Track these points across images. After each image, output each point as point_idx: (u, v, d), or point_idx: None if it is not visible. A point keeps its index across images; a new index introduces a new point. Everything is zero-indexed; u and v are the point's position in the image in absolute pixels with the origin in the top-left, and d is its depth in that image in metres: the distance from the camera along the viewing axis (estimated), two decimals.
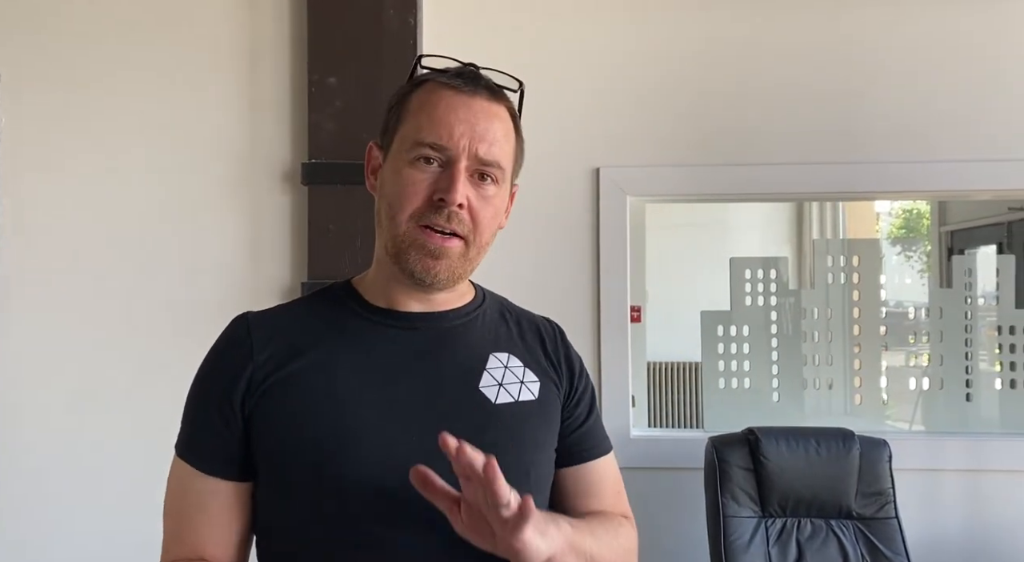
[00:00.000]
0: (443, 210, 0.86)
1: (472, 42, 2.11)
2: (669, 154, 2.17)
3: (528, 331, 0.99)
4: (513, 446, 0.88)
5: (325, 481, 0.83)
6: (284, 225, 2.10)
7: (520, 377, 0.93)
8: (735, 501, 1.89)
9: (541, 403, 0.93)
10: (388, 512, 0.83)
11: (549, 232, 2.16)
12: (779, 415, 2.30)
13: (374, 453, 0.84)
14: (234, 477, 0.88)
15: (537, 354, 0.97)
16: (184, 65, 2.11)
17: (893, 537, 1.88)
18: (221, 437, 0.87)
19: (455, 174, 0.86)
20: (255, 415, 0.86)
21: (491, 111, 0.89)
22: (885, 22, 2.16)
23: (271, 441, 0.86)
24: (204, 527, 0.87)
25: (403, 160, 0.88)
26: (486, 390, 0.90)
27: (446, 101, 0.87)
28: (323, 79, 2.04)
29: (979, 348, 2.33)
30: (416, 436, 0.85)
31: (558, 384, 0.96)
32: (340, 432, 0.85)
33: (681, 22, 2.19)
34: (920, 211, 6.71)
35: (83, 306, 2.08)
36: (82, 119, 2.10)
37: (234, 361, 0.88)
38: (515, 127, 0.93)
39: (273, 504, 0.88)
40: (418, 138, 0.87)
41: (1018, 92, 2.13)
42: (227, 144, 2.11)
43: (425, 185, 0.86)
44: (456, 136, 0.86)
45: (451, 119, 0.86)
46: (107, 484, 2.05)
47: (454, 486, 0.78)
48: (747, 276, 2.36)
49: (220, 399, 0.87)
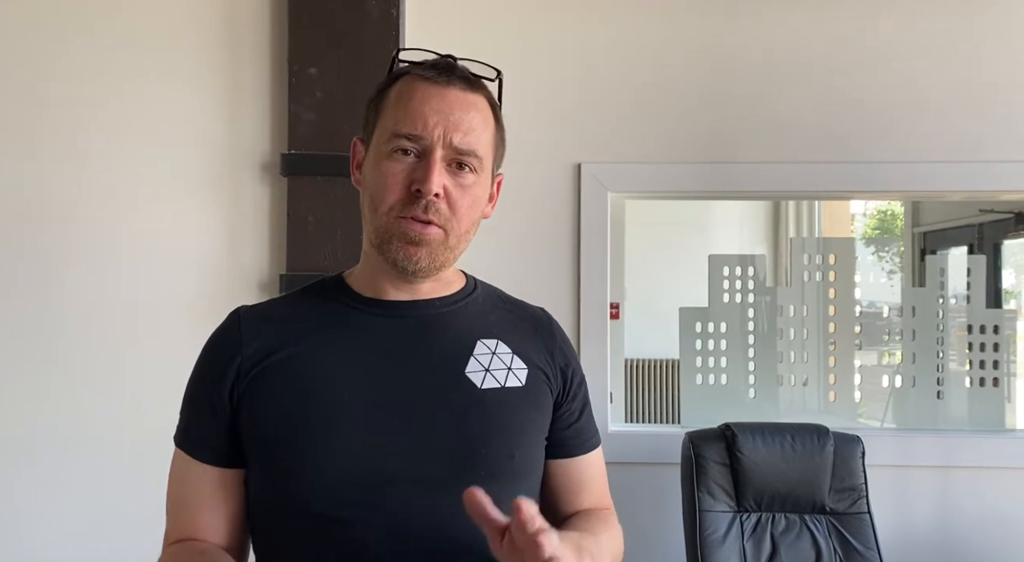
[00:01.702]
0: (420, 201, 0.87)
1: (455, 35, 2.10)
2: (650, 151, 2.18)
3: (523, 322, 1.00)
4: (496, 430, 0.90)
5: (309, 466, 0.85)
6: (263, 216, 2.08)
7: (507, 363, 0.93)
8: (711, 496, 1.91)
9: (528, 390, 0.94)
10: (371, 497, 0.84)
11: (529, 227, 2.16)
12: (755, 411, 2.32)
13: (358, 438, 0.85)
14: (225, 464, 0.91)
15: (530, 346, 0.97)
16: (163, 54, 2.08)
17: (865, 531, 1.91)
18: (211, 426, 0.90)
19: (430, 164, 0.87)
20: (242, 403, 0.89)
21: (467, 100, 0.90)
22: (864, 24, 2.19)
23: (257, 428, 0.88)
24: (198, 512, 0.91)
25: (382, 153, 0.89)
26: (472, 375, 0.91)
27: (421, 92, 0.89)
28: (304, 69, 2.02)
29: (950, 347, 2.37)
30: (402, 421, 0.87)
31: (551, 379, 0.97)
32: (324, 418, 0.86)
33: (664, 20, 2.20)
34: (895, 212, 6.81)
35: (58, 299, 2.04)
36: (58, 108, 2.06)
37: (224, 352, 0.91)
38: (495, 116, 0.94)
39: (261, 489, 0.90)
40: (395, 130, 0.88)
41: (990, 95, 2.17)
42: (206, 134, 2.08)
43: (402, 176, 0.88)
44: (431, 126, 0.87)
45: (425, 109, 0.88)
46: (80, 475, 2.02)
47: (444, 474, 0.84)
48: (725, 273, 2.38)
49: (209, 390, 0.90)
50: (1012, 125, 2.16)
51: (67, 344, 2.04)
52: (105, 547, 2.00)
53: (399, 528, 0.84)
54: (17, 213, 2.05)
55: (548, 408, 0.96)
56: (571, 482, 1.00)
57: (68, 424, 2.03)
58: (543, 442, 0.96)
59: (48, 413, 2.03)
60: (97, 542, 2.00)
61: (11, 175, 2.05)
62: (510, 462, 0.90)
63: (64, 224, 2.06)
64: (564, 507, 1.00)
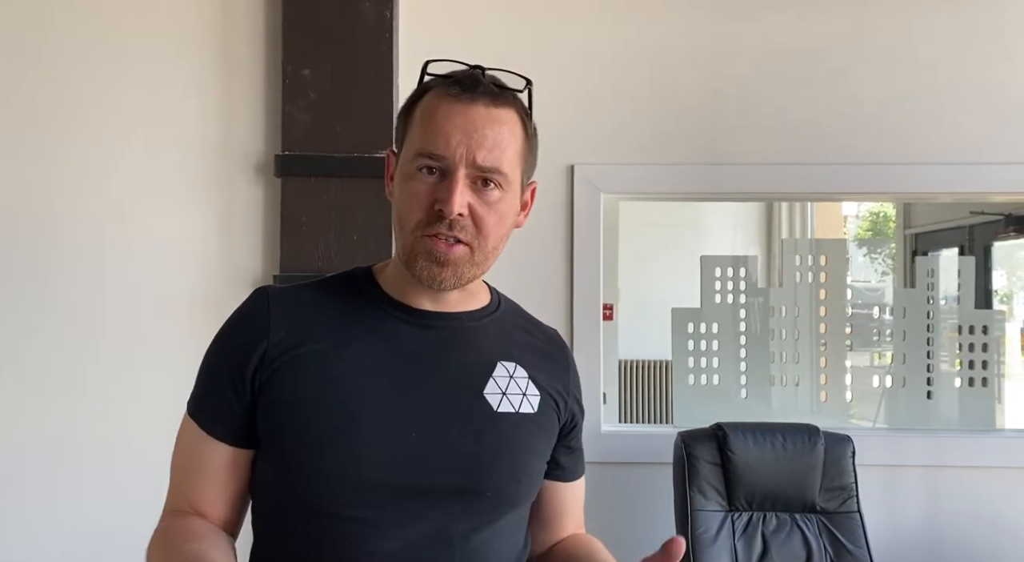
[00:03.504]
0: (445, 219, 0.87)
1: (449, 37, 2.11)
2: (643, 152, 2.19)
3: (540, 346, 1.01)
4: (508, 454, 0.91)
5: (321, 466, 0.86)
6: (257, 217, 2.08)
7: (523, 389, 0.95)
8: (702, 495, 1.92)
9: (539, 417, 0.95)
10: (380, 503, 0.85)
11: (523, 229, 2.15)
12: (747, 411, 2.34)
13: (372, 445, 0.86)
14: (237, 443, 0.91)
15: (546, 373, 0.99)
16: (157, 55, 2.08)
17: (855, 530, 1.92)
18: (229, 404, 0.90)
19: (452, 184, 0.87)
20: (264, 391, 0.89)
21: (491, 116, 0.89)
22: (855, 26, 2.20)
23: (275, 418, 0.88)
24: (203, 485, 0.91)
25: (408, 171, 0.90)
26: (490, 397, 0.92)
27: (444, 110, 0.88)
28: (297, 71, 2.02)
29: (941, 348, 2.39)
30: (416, 432, 0.88)
31: (560, 408, 0.99)
32: (342, 420, 0.87)
33: (657, 22, 2.21)
34: (887, 214, 6.85)
35: (51, 298, 2.04)
36: (52, 109, 2.06)
37: (250, 335, 0.90)
38: (523, 127, 0.94)
39: (270, 476, 0.90)
40: (419, 149, 0.88)
41: (979, 98, 2.19)
42: (200, 135, 2.08)
43: (425, 195, 0.88)
44: (453, 145, 0.87)
45: (448, 128, 0.87)
46: (75, 476, 2.01)
47: (450, 490, 0.87)
48: (717, 274, 2.40)
49: (232, 369, 0.90)
50: (1003, 127, 2.18)
51: (59, 344, 2.04)
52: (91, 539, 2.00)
53: (398, 536, 0.85)
54: (9, 213, 2.05)
55: (554, 435, 0.98)
56: (562, 505, 1.03)
57: (57, 423, 2.02)
58: (544, 467, 0.98)
59: (37, 412, 2.02)
60: (87, 536, 2.00)
61: (3, 175, 2.05)
62: (516, 486, 0.92)
63: (57, 224, 2.05)
64: (551, 527, 1.03)
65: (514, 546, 0.95)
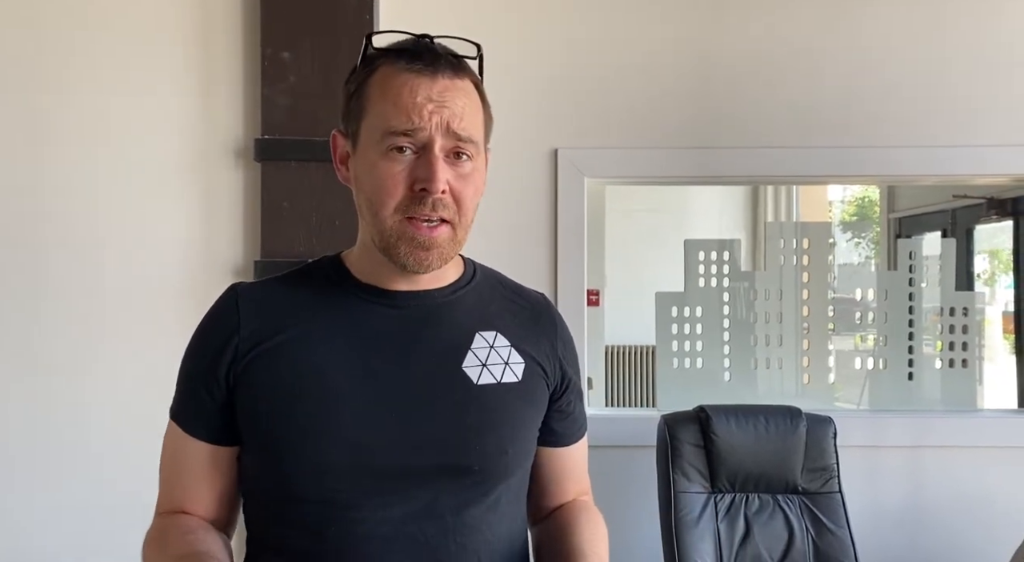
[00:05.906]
0: (426, 199, 0.85)
1: (429, 18, 2.07)
2: (627, 136, 2.18)
3: (523, 311, 0.99)
4: (492, 428, 0.90)
5: (303, 453, 0.85)
6: (237, 202, 2.06)
7: (505, 358, 0.93)
8: (686, 477, 1.93)
9: (524, 385, 0.93)
10: (363, 487, 0.85)
11: (506, 213, 2.16)
12: (730, 394, 2.35)
13: (351, 430, 0.86)
14: (218, 441, 0.91)
15: (530, 337, 0.97)
16: (134, 39, 2.04)
17: (836, 510, 1.94)
18: (206, 404, 0.90)
19: (432, 160, 0.85)
20: (239, 385, 0.88)
21: (457, 86, 0.87)
22: (839, 12, 2.20)
23: (253, 411, 0.88)
24: (189, 485, 0.92)
25: (376, 152, 0.86)
26: (468, 370, 0.91)
27: (409, 85, 0.85)
28: (277, 53, 2.00)
29: (922, 330, 2.41)
30: (395, 414, 0.87)
31: (548, 373, 0.97)
32: (320, 406, 0.86)
33: (641, 6, 2.20)
34: (871, 199, 6.88)
35: (29, 286, 2.02)
36: (26, 96, 2.02)
37: (221, 334, 0.90)
38: (480, 96, 0.92)
39: (255, 470, 0.90)
40: (387, 127, 0.85)
41: (961, 83, 2.19)
42: (178, 120, 2.06)
43: (403, 176, 0.85)
44: (426, 115, 0.84)
45: (418, 100, 0.84)
46: (55, 463, 2.00)
47: (437, 468, 0.86)
48: (701, 258, 2.40)
49: (206, 369, 0.90)
50: (983, 111, 2.19)
51: (40, 331, 2.02)
52: (79, 532, 1.99)
53: (387, 518, 0.85)
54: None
55: (543, 402, 0.96)
56: (560, 469, 1.01)
57: (41, 413, 2.01)
58: (536, 435, 0.96)
59: (20, 401, 2.01)
60: (75, 529, 1.99)
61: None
62: (503, 458, 0.90)
63: (35, 212, 2.03)
64: (551, 493, 1.01)
65: (513, 518, 0.94)
